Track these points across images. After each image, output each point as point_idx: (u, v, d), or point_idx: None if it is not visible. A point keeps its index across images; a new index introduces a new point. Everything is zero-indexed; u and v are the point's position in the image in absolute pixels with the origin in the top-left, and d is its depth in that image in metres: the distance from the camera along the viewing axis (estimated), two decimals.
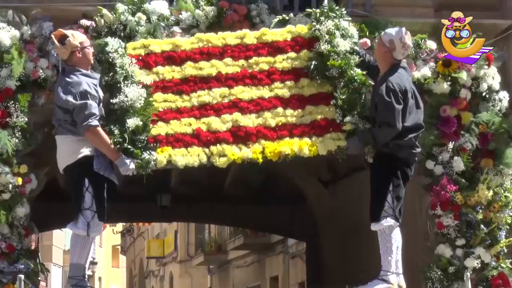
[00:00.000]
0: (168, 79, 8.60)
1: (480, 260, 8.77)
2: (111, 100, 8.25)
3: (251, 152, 8.46)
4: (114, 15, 8.71)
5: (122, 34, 8.70)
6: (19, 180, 8.44)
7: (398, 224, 8.14)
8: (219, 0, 8.89)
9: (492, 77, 9.11)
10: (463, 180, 8.92)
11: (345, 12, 8.74)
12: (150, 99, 8.38)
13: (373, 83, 8.45)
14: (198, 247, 31.41)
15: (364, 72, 8.53)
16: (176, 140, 8.42)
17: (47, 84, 8.67)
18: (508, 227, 8.93)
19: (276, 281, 23.98)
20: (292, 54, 8.73)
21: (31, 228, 8.63)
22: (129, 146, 8.14)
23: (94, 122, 7.91)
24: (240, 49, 8.73)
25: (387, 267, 8.08)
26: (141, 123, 8.22)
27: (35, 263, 8.52)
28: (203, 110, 8.53)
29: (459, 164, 8.92)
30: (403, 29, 8.19)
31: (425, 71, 9.04)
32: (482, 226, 8.83)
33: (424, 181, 9.10)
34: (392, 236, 8.09)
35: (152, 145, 8.31)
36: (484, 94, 9.11)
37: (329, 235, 14.02)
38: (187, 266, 33.26)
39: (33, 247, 8.78)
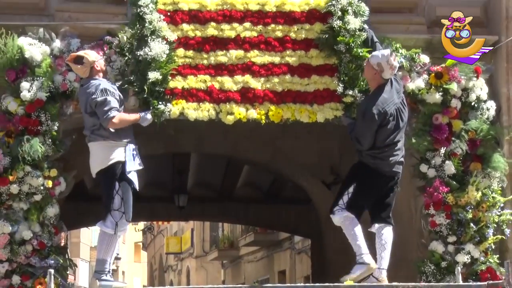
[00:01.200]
0: (191, 36, 8.78)
1: (470, 255, 8.74)
2: (136, 52, 8.47)
3: (256, 113, 8.69)
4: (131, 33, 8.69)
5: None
6: (50, 183, 8.43)
7: (378, 225, 8.23)
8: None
9: (480, 88, 9.08)
10: (454, 183, 8.88)
11: None
12: (172, 53, 8.58)
13: None
14: (212, 244, 31.43)
15: (369, 49, 8.64)
16: (190, 95, 8.67)
17: (74, 95, 8.62)
18: (495, 225, 8.90)
19: (283, 275, 23.94)
20: (306, 26, 8.93)
21: (60, 227, 8.61)
22: (146, 96, 8.39)
23: (113, 113, 7.96)
24: (260, 15, 8.90)
25: (358, 250, 8.12)
26: (160, 76, 8.45)
27: (64, 258, 8.52)
28: (219, 69, 8.77)
29: (450, 167, 8.89)
30: (389, 51, 8.25)
31: (419, 83, 8.99)
32: (471, 224, 8.80)
33: (418, 183, 9.07)
34: (353, 225, 8.15)
35: (168, 97, 8.53)
36: (473, 103, 9.06)
37: (332, 233, 13.98)
38: (202, 261, 33.24)
39: (62, 244, 8.76)
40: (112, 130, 8.01)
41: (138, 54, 8.48)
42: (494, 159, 8.97)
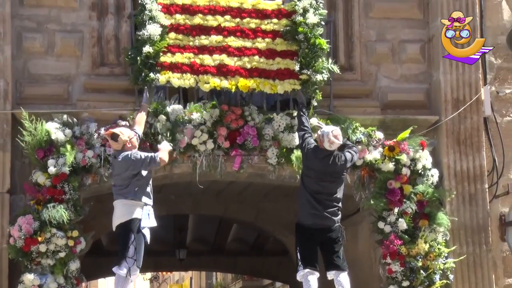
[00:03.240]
0: (182, 24, 8.92)
1: None
2: (136, 32, 8.66)
3: (228, 83, 8.81)
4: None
5: (148, 131, 8.69)
6: (72, 242, 8.39)
7: (334, 271, 8.09)
8: (221, 103, 8.91)
9: (425, 158, 9.10)
10: (406, 236, 8.87)
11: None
12: (165, 35, 8.69)
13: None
14: None
15: (327, 41, 8.91)
16: (176, 67, 8.80)
17: (92, 169, 8.63)
18: (441, 271, 8.88)
19: None
20: (275, 20, 9.10)
21: (81, 278, 8.56)
22: (140, 66, 8.55)
23: (155, 156, 7.93)
24: (238, 11, 9.06)
25: None
26: (153, 51, 8.59)
27: None
28: (201, 49, 8.90)
29: (403, 224, 8.88)
30: (331, 132, 8.12)
31: (375, 154, 9.02)
32: (421, 271, 8.78)
33: (377, 237, 9.04)
34: (309, 282, 7.98)
35: (158, 68, 8.66)
36: (420, 171, 9.07)
37: None
38: None
39: None
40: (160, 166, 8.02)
41: (138, 34, 8.65)
42: (439, 217, 8.97)
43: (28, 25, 9.02)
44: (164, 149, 8.12)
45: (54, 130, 8.56)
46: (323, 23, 9.01)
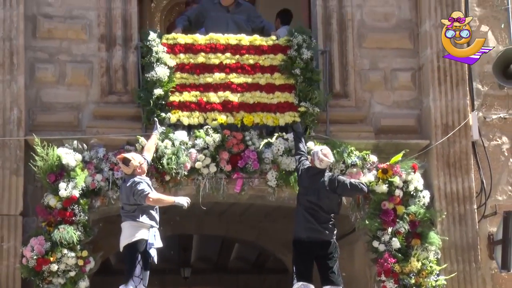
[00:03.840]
0: (186, 63, 8.99)
1: None
2: (145, 75, 8.73)
3: (234, 119, 8.88)
4: None
5: (154, 155, 8.70)
6: (81, 262, 8.39)
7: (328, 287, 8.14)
8: (223, 129, 8.96)
9: (417, 180, 9.09)
10: (400, 255, 8.85)
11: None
12: (172, 75, 8.79)
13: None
14: None
15: (319, 72, 9.06)
16: (185, 106, 8.88)
17: (101, 192, 8.64)
18: None
19: None
20: (271, 56, 9.15)
21: None
22: (153, 108, 8.66)
23: (149, 192, 7.90)
24: (237, 48, 9.14)
25: None
26: (163, 93, 8.67)
27: None
28: (206, 87, 8.97)
29: (396, 243, 8.87)
30: (320, 150, 8.28)
31: (369, 177, 9.02)
32: None
33: (371, 256, 9.03)
34: None
35: (168, 108, 8.75)
36: (412, 192, 9.06)
37: None
38: None
39: None
40: (146, 204, 7.92)
41: (147, 76, 8.68)
42: (430, 236, 8.95)
43: (41, 56, 9.07)
44: (169, 198, 8.06)
45: (65, 155, 8.58)
46: (319, 51, 9.09)
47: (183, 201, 8.03)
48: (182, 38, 9.09)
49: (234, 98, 8.99)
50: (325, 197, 8.22)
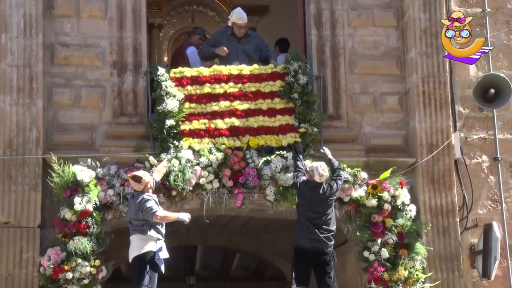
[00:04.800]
0: (193, 94, 9.03)
1: None
2: (156, 107, 8.78)
3: (240, 143, 8.91)
4: (157, 161, 8.78)
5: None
6: (94, 270, 8.40)
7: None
8: (225, 148, 8.99)
9: (404, 195, 9.10)
10: (388, 264, 8.85)
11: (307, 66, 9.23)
12: (181, 106, 8.84)
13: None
14: None
15: (315, 95, 9.10)
16: (195, 134, 8.91)
17: (113, 206, 8.67)
18: None
19: None
20: (271, 82, 9.19)
21: None
22: (166, 137, 8.69)
23: (157, 209, 7.90)
24: (239, 77, 9.20)
25: None
26: (174, 123, 8.70)
27: None
28: (213, 115, 8.99)
29: (385, 253, 8.87)
30: (319, 166, 8.40)
31: (360, 192, 9.04)
32: None
33: (362, 265, 9.03)
34: None
35: (179, 136, 8.78)
36: (399, 206, 9.07)
37: None
38: None
39: None
40: (153, 221, 7.91)
41: (158, 108, 8.76)
42: (416, 247, 8.95)
43: (58, 81, 9.12)
44: (173, 214, 8.05)
45: (80, 172, 8.61)
46: (313, 76, 9.13)
47: (185, 217, 8.03)
48: (188, 72, 9.13)
49: (240, 123, 9.03)
50: (327, 206, 8.39)
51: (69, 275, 8.30)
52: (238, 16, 9.59)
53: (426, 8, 9.54)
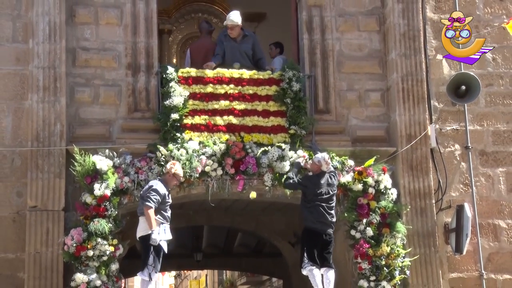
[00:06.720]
0: (197, 92, 8.96)
1: None
2: (164, 102, 8.75)
3: (236, 138, 8.85)
4: (167, 151, 8.74)
5: (170, 159, 8.67)
6: (112, 248, 8.36)
7: (324, 268, 8.25)
8: (227, 139, 8.93)
9: (386, 180, 9.07)
10: (373, 241, 8.82)
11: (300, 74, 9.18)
12: (185, 103, 8.78)
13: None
14: (219, 284, 30.74)
15: (306, 101, 9.02)
16: (196, 128, 8.84)
17: (128, 191, 8.61)
18: (400, 268, 8.81)
19: None
20: (267, 87, 9.12)
21: (120, 276, 8.50)
22: (170, 129, 8.63)
23: (151, 204, 7.81)
24: (239, 80, 9.12)
25: None
26: (178, 117, 8.64)
27: None
28: (213, 112, 8.93)
29: (370, 231, 8.84)
30: (326, 155, 8.38)
31: (347, 178, 9.01)
32: (385, 268, 8.73)
33: (350, 242, 9.00)
34: (314, 274, 8.15)
35: (182, 129, 8.70)
36: (382, 190, 9.04)
37: (296, 275, 13.85)
38: None
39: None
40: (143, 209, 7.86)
41: (165, 103, 8.69)
42: (397, 226, 8.92)
43: (79, 81, 9.05)
44: (152, 224, 7.82)
45: (99, 161, 8.56)
46: (305, 75, 9.05)
47: (155, 237, 7.80)
48: (194, 72, 9.06)
49: (236, 121, 8.97)
50: (333, 195, 8.41)
51: (90, 253, 8.27)
52: (228, 17, 9.57)
53: (404, 14, 9.49)
